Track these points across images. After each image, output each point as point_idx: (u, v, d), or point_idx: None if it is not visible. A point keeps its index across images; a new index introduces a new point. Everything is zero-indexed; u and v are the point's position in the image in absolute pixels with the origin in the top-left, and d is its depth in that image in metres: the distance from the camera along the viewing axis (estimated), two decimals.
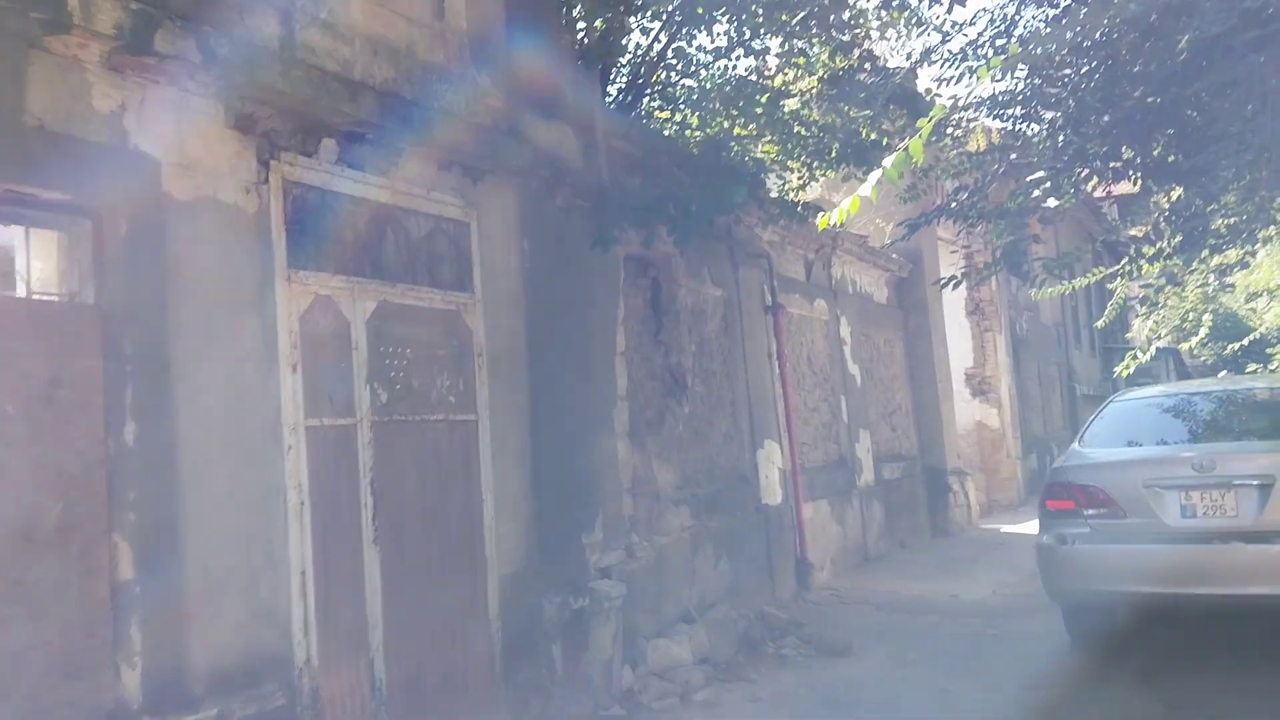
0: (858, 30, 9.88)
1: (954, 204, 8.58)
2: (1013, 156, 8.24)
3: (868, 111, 9.70)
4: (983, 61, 4.98)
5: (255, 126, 5.65)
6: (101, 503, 4.78)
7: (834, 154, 10.03)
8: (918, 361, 16.34)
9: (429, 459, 6.61)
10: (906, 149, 4.88)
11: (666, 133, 10.44)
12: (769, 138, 10.67)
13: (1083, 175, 7.19)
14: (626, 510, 8.69)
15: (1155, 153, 7.10)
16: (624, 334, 9.06)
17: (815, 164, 10.64)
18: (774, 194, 11.66)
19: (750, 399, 11.13)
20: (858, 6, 9.36)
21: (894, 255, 15.70)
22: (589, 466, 8.14)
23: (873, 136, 10.01)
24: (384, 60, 6.50)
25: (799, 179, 11.24)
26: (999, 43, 7.65)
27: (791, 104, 10.49)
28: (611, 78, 10.02)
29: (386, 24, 6.66)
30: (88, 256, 4.91)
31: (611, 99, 10.10)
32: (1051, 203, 8.27)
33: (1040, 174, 8.08)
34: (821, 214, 4.96)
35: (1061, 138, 7.44)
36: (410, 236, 6.69)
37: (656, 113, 10.72)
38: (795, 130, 10.31)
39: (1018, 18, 7.34)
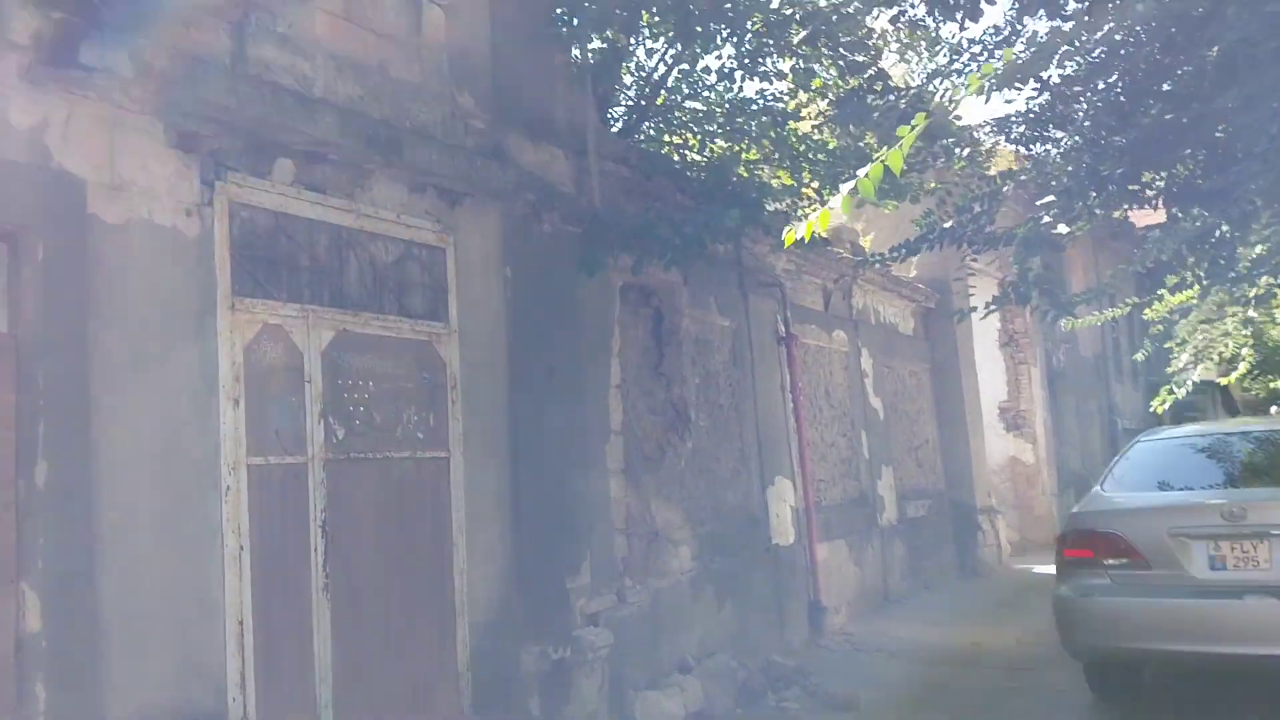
0: (869, 50, 9.42)
1: (956, 229, 8.08)
2: (1021, 178, 7.75)
3: (879, 134, 9.23)
4: (979, 72, 4.48)
5: (200, 145, 5.31)
6: (8, 548, 4.42)
7: (845, 178, 9.54)
8: (945, 395, 15.75)
9: (392, 499, 6.21)
10: (885, 161, 4.42)
11: (669, 156, 10.02)
12: (779, 162, 10.22)
13: (1097, 200, 6.69)
14: (619, 552, 8.23)
15: (1178, 174, 6.58)
16: (620, 366, 8.62)
17: (826, 189, 10.16)
18: (790, 221, 11.21)
19: (760, 434, 10.63)
20: (867, 25, 8.92)
21: (920, 285, 15.16)
22: (577, 506, 7.69)
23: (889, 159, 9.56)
24: (350, 77, 6.16)
25: (810, 205, 10.77)
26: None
27: (802, 127, 10.05)
28: (614, 100, 9.63)
29: (355, 40, 6.34)
30: (0, 282, 4.58)
31: (613, 122, 9.71)
32: (1062, 229, 7.76)
33: (1050, 198, 7.59)
34: (788, 230, 4.51)
35: (1074, 159, 6.95)
36: (377, 262, 6.32)
37: (665, 136, 10.31)
38: (804, 154, 9.85)
39: (1022, 29, 6.90)
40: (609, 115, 9.61)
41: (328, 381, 5.84)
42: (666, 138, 10.24)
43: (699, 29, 7.88)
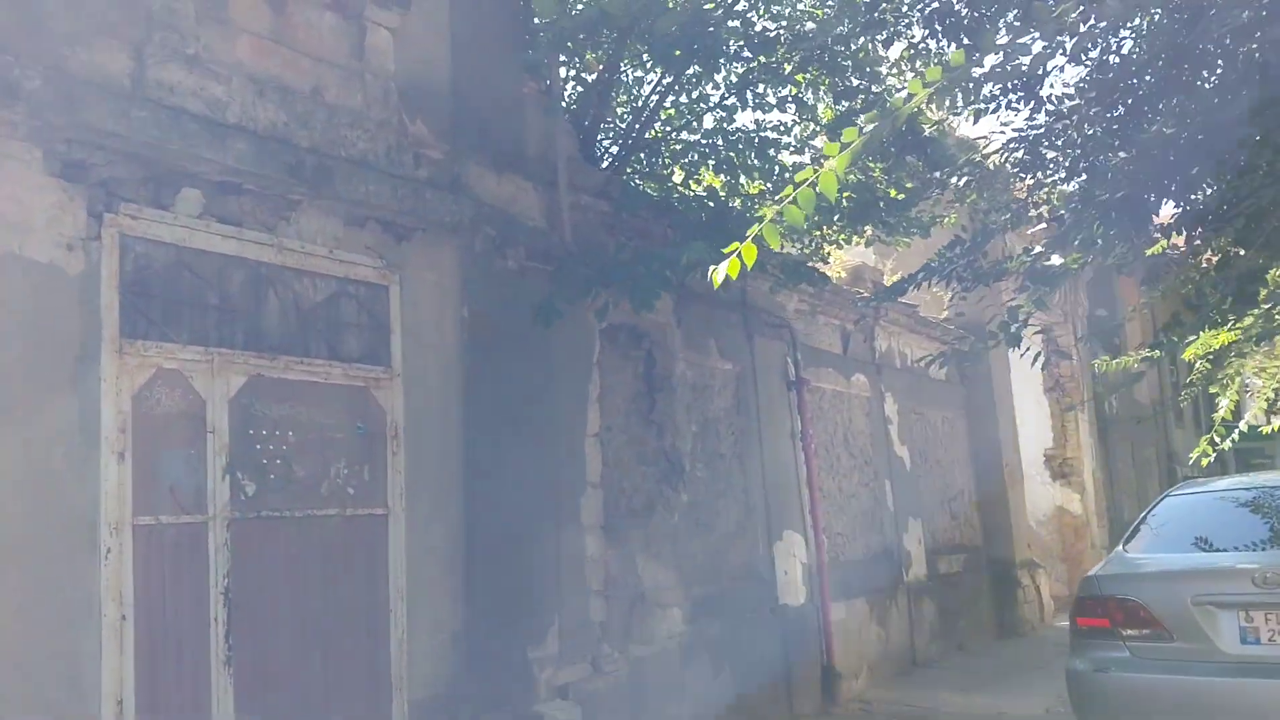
0: (865, 74, 8.80)
1: (943, 264, 7.39)
2: (1014, 207, 7.08)
3: (882, 164, 8.60)
4: (924, 79, 3.88)
5: (87, 174, 4.85)
6: None
7: (844, 211, 8.90)
8: (981, 442, 14.88)
9: (314, 561, 5.64)
10: (815, 184, 3.82)
11: (648, 191, 9.45)
12: (771, 193, 9.61)
13: (1100, 229, 6.00)
14: (595, 616, 7.57)
15: (1196, 198, 5.87)
16: (600, 412, 8.02)
17: (825, 223, 9.52)
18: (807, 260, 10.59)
19: (767, 485, 9.94)
20: (866, 50, 8.30)
21: (951, 327, 14.38)
22: (544, 566, 7.07)
23: (893, 193, 8.88)
24: (273, 102, 5.69)
25: (811, 241, 10.12)
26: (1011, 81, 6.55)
27: (795, 157, 9.46)
28: (602, 131, 9.11)
29: (283, 63, 5.88)
30: None
31: (603, 153, 9.18)
32: (1055, 261, 7.05)
33: (1042, 225, 6.92)
34: (712, 269, 3.92)
35: (1066, 182, 6.29)
36: (303, 301, 5.80)
37: (658, 169, 9.75)
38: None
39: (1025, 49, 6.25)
40: (598, 146, 9.08)
41: (236, 432, 5.31)
42: (664, 170, 9.66)
43: (678, 51, 7.30)
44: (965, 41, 7.32)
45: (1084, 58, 6.41)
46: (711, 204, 8.63)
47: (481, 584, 6.55)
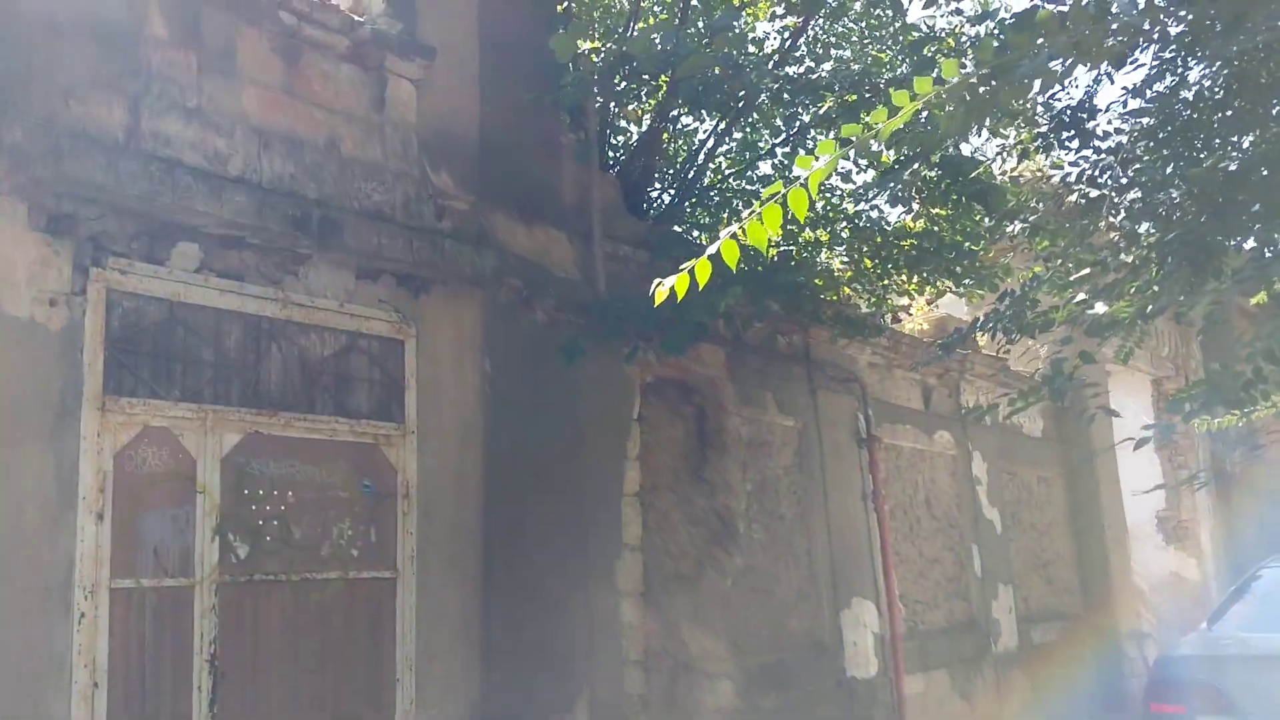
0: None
1: (990, 317, 6.87)
2: (1068, 251, 6.54)
3: (945, 210, 8.13)
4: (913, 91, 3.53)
5: (76, 228, 4.79)
6: None
7: (899, 258, 8.44)
8: (1082, 503, 13.99)
9: (312, 628, 5.41)
10: (785, 200, 3.47)
11: (691, 238, 9.13)
12: (852, 247, 9.21)
13: (1157, 273, 5.44)
14: (632, 687, 7.18)
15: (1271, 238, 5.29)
16: (641, 471, 7.67)
17: (885, 270, 9.05)
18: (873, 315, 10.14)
19: (833, 548, 9.42)
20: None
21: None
22: (572, 633, 6.73)
23: (958, 240, 8.38)
24: (280, 154, 5.59)
25: (873, 290, 9.64)
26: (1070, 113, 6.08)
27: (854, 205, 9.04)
28: (653, 180, 8.87)
29: (295, 115, 5.79)
30: None
31: (653, 203, 8.93)
32: (1099, 308, 6.46)
33: (1085, 271, 6.37)
34: (656, 284, 3.61)
35: (1127, 224, 5.75)
36: (308, 356, 5.64)
37: (718, 217, 9.45)
38: (874, 237, 8.80)
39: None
40: (649, 196, 8.84)
41: (229, 491, 5.14)
42: (716, 218, 9.35)
43: (716, 97, 7.02)
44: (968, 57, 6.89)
45: (1146, 90, 5.91)
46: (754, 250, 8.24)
47: (502, 651, 6.24)
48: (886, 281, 9.45)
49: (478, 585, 6.21)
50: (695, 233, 9.28)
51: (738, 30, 7.64)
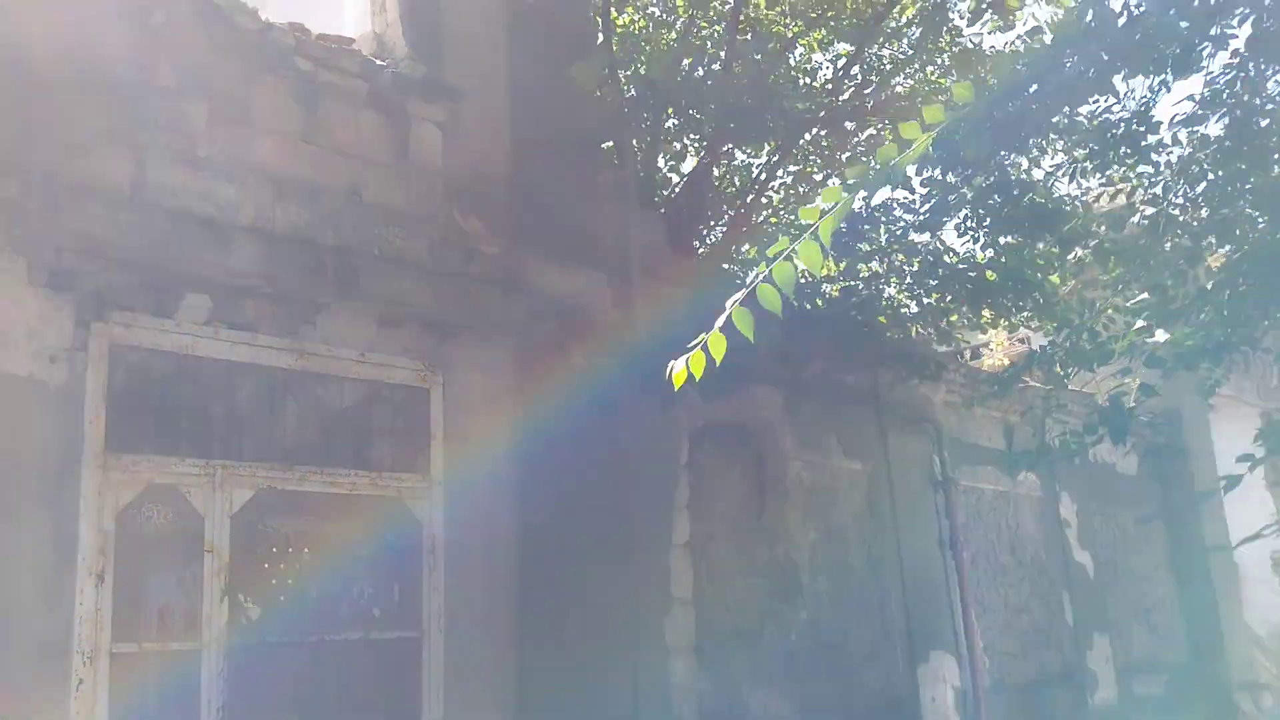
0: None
1: (1048, 349, 6.40)
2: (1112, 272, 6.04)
3: (1011, 239, 7.68)
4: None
5: (78, 282, 4.70)
6: None
7: (963, 290, 7.98)
8: (1184, 546, 13.11)
9: (329, 691, 5.18)
10: (794, 257, 3.18)
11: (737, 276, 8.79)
12: (916, 282, 8.80)
13: (1228, 297, 4.93)
14: None
15: None
16: (692, 519, 7.34)
17: (950, 304, 8.59)
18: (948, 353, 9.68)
19: (908, 599, 8.91)
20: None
21: (1141, 417, 12.87)
22: (617, 694, 6.37)
23: (1024, 270, 7.89)
24: (295, 202, 5.46)
25: (940, 325, 9.16)
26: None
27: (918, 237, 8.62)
28: (705, 216, 8.60)
29: (313, 162, 5.68)
30: None
31: (704, 240, 8.66)
32: (1160, 336, 5.92)
33: (1143, 296, 5.88)
34: (670, 365, 3.35)
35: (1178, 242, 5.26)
36: (324, 408, 5.47)
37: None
38: (940, 270, 8.37)
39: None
40: (699, 232, 8.57)
41: (239, 550, 4.96)
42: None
43: (737, 125, 6.75)
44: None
45: (1215, 99, 5.46)
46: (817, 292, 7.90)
47: (539, 715, 5.92)
48: (955, 317, 8.99)
49: (511, 644, 5.92)
50: (748, 271, 8.96)
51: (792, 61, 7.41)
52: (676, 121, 7.58)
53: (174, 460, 4.83)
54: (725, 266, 8.48)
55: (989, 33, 7.66)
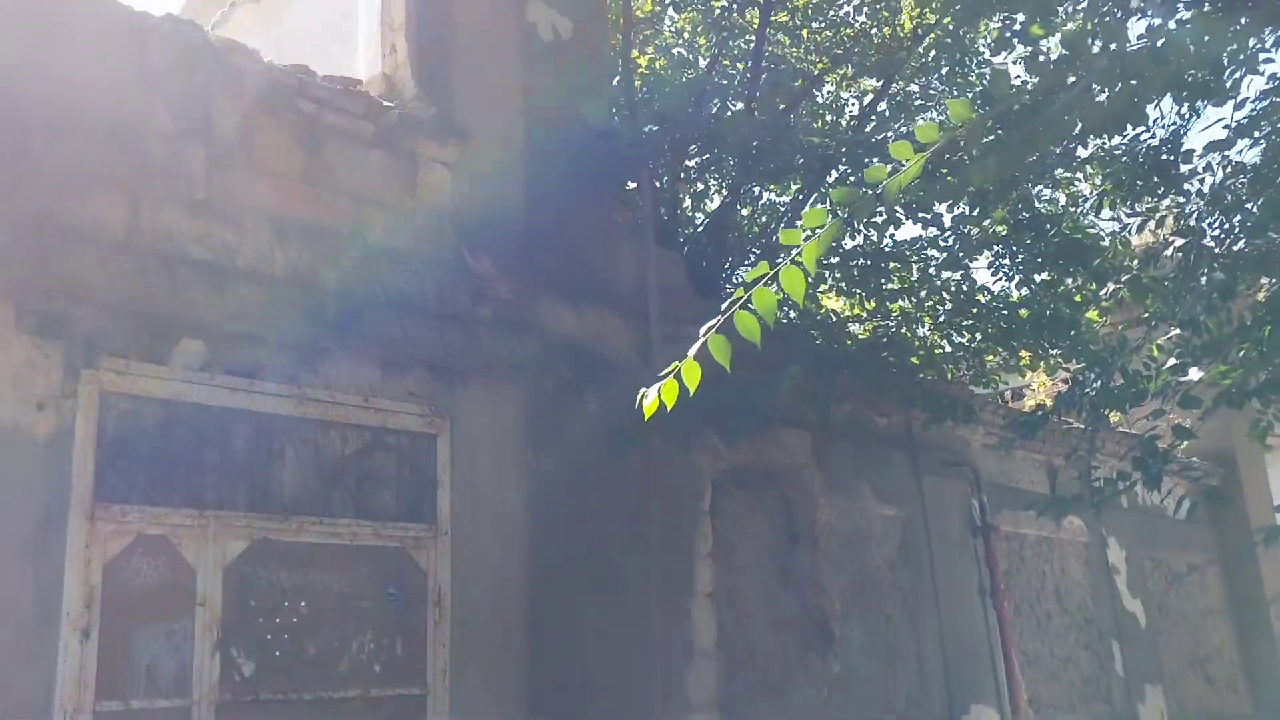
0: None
1: (1072, 391, 6.10)
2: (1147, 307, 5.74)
3: (1046, 275, 7.38)
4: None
5: (68, 328, 4.59)
6: None
7: (994, 329, 7.69)
8: (1243, 593, 12.58)
9: None
10: (777, 283, 2.99)
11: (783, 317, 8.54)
12: (949, 320, 8.53)
13: (1269, 332, 4.62)
14: None
15: None
16: (715, 568, 7.06)
17: (983, 343, 8.29)
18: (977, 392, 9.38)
19: (947, 650, 8.55)
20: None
21: (1194, 459, 12.41)
22: None
23: (1058, 308, 7.57)
24: (296, 244, 5.35)
25: (974, 365, 8.86)
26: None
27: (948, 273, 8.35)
28: (729, 255, 8.40)
29: (316, 204, 5.57)
30: None
31: (729, 279, 8.46)
32: (1194, 375, 5.59)
33: (1174, 332, 5.57)
34: (641, 394, 3.15)
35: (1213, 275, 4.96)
36: (325, 455, 5.31)
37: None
38: (975, 308, 8.09)
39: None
40: (725, 272, 8.37)
41: (232, 603, 4.78)
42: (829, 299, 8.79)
43: (756, 164, 6.57)
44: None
45: (1253, 127, 5.19)
46: (842, 330, 7.66)
47: None
48: (992, 357, 8.69)
49: (521, 702, 5.68)
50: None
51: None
52: (699, 160, 7.40)
53: (165, 510, 4.68)
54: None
55: (1014, 62, 7.46)
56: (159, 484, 4.72)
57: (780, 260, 2.97)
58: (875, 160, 7.32)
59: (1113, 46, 3.70)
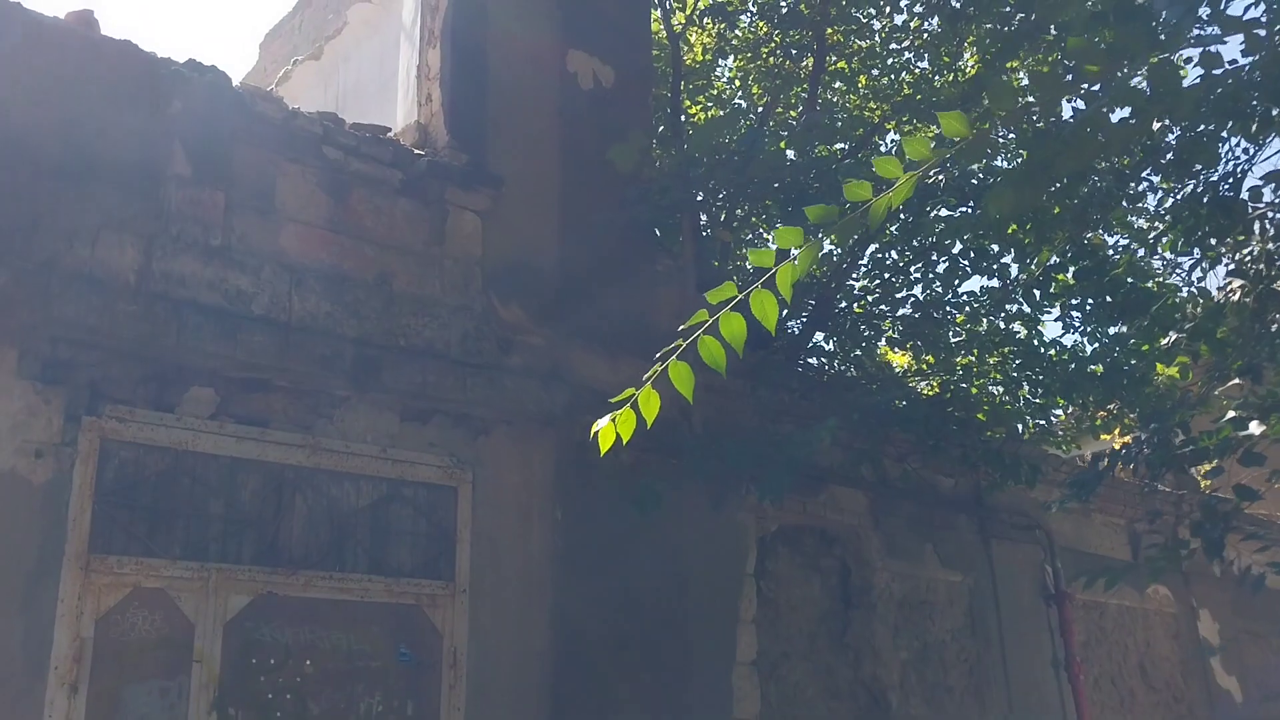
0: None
1: (1130, 448, 5.64)
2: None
3: (1119, 328, 6.93)
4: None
5: (72, 374, 4.51)
6: None
7: (1051, 386, 7.24)
8: None
9: None
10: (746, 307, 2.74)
11: (810, 371, 8.19)
12: (1012, 373, 8.11)
13: None
14: None
15: None
16: (761, 634, 6.70)
17: (1047, 398, 7.83)
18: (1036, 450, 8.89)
19: None
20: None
21: (1262, 519, 11.60)
22: None
23: (1126, 360, 7.10)
24: (315, 291, 5.24)
25: (1039, 421, 8.37)
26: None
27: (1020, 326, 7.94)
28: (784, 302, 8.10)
29: (339, 251, 5.47)
30: None
31: (781, 331, 8.16)
32: (1255, 428, 5.09)
33: (1234, 381, 5.10)
34: (593, 426, 2.90)
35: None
36: (337, 507, 5.13)
37: (861, 345, 8.55)
38: (1041, 361, 7.66)
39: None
40: (780, 323, 8.07)
41: (232, 660, 4.60)
42: (857, 346, 8.44)
43: (792, 208, 6.32)
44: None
45: None
46: (903, 387, 7.29)
47: None
48: (1062, 415, 8.22)
49: None
50: (827, 362, 8.40)
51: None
52: (745, 207, 7.18)
53: (164, 563, 4.54)
54: (802, 362, 7.94)
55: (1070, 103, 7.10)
56: (159, 535, 4.59)
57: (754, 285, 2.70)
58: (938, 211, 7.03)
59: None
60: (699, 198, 7.14)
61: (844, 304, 8.18)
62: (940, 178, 6.47)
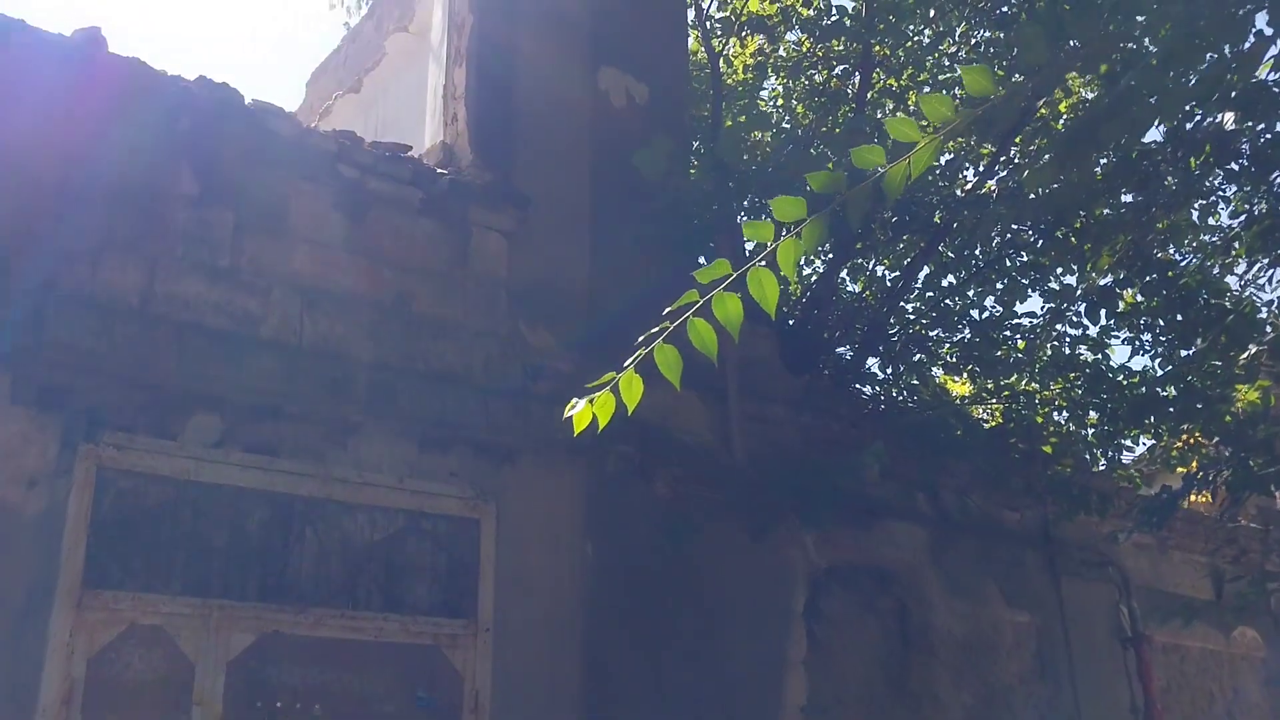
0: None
1: (1209, 470, 5.18)
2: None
3: (1191, 348, 6.46)
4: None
5: (69, 400, 4.31)
6: None
7: (1113, 411, 6.75)
8: None
9: None
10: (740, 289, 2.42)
11: (859, 397, 7.76)
12: (1072, 397, 7.65)
13: None
14: None
15: None
16: (812, 679, 6.27)
17: (1116, 425, 7.32)
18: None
19: None
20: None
21: None
22: None
23: (1201, 382, 6.59)
24: (328, 314, 5.01)
25: (1102, 451, 7.86)
26: None
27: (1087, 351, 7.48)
28: (834, 329, 7.76)
29: (355, 273, 5.25)
30: None
31: (833, 355, 7.80)
32: None
33: None
34: (571, 405, 2.59)
35: None
36: (351, 540, 4.86)
37: (915, 370, 8.14)
38: (1102, 385, 7.20)
39: None
40: (829, 347, 7.72)
41: (235, 703, 4.32)
42: (910, 372, 8.03)
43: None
44: None
45: None
46: (961, 414, 6.87)
47: None
48: (1139, 451, 7.71)
49: None
50: (879, 389, 7.98)
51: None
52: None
53: (163, 599, 4.29)
54: (853, 388, 7.55)
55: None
56: (158, 570, 4.34)
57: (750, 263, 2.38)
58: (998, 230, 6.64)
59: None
60: (741, 218, 6.84)
61: (897, 328, 7.79)
62: (993, 187, 6.09)
